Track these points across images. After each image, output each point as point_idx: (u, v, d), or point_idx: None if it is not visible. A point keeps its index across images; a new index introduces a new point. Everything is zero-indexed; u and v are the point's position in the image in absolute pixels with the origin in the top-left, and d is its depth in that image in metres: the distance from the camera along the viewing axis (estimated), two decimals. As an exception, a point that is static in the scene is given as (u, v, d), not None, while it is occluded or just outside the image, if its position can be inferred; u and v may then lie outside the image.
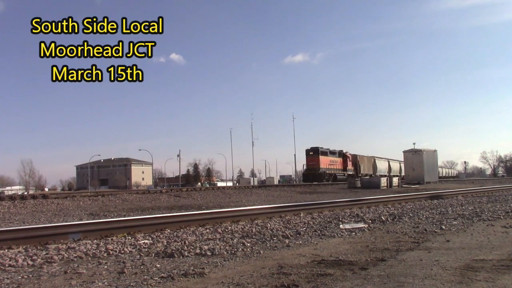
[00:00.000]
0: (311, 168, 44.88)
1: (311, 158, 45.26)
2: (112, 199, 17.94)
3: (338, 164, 49.10)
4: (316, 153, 45.06)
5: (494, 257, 4.74)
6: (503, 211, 10.02)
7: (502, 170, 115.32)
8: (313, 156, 44.92)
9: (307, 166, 46.29)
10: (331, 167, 46.74)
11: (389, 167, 60.51)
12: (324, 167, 44.98)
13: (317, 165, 44.32)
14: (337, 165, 48.76)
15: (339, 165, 49.24)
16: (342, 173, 49.04)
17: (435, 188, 27.52)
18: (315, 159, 44.53)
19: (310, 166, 45.28)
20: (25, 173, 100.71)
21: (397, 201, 14.17)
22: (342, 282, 3.75)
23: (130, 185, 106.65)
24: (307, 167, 46.04)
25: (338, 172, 48.07)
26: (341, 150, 51.56)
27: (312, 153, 45.56)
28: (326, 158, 45.87)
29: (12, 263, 4.88)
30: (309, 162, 45.68)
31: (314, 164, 44.50)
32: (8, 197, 17.57)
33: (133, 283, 3.93)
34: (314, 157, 44.81)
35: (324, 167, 44.98)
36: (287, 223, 8.31)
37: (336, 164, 48.37)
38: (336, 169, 48.13)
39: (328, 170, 45.89)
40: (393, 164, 62.19)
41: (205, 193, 22.06)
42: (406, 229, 7.33)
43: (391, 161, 62.24)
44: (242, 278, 4.00)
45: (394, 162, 62.97)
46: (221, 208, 13.29)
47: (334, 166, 47.68)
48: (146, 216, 9.75)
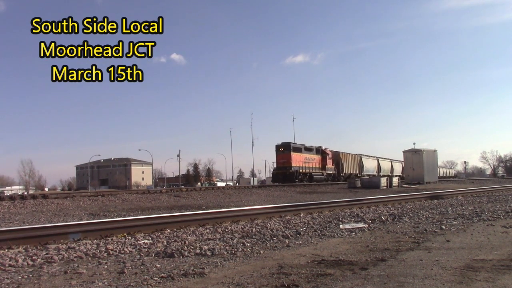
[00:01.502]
0: (281, 166, 38.82)
1: (282, 155, 39.23)
2: (112, 199, 17.93)
3: (316, 162, 43.24)
4: (288, 149, 39.02)
5: (494, 257, 4.74)
6: (503, 211, 10.02)
7: (502, 170, 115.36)
8: (284, 153, 39.00)
9: (277, 165, 39.91)
10: (306, 166, 40.87)
11: (379, 166, 56.65)
12: (297, 165, 38.95)
13: (288, 163, 38.32)
14: (314, 163, 42.87)
15: (316, 163, 43.30)
16: (320, 173, 43.61)
17: (435, 188, 27.52)
18: (286, 156, 38.69)
19: (280, 164, 39.06)
20: (25, 173, 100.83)
21: (397, 201, 14.17)
22: (342, 282, 3.75)
23: (130, 185, 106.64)
24: (277, 165, 39.67)
25: (315, 172, 42.41)
26: (320, 146, 45.81)
27: (282, 149, 39.50)
28: (299, 155, 40.14)
29: (12, 263, 4.88)
30: (279, 160, 39.39)
31: (284, 162, 38.55)
32: (8, 197, 17.56)
33: (133, 283, 3.93)
34: (285, 154, 38.89)
35: (297, 165, 38.95)
36: (287, 223, 8.31)
37: (312, 162, 42.52)
38: (313, 168, 42.33)
39: (302, 168, 40.10)
40: (383, 163, 58.60)
41: (205, 193, 22.07)
42: (406, 229, 7.33)
43: (381, 159, 58.54)
44: (242, 278, 4.00)
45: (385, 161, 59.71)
46: (221, 208, 13.29)
47: (310, 164, 41.79)
48: (146, 216, 9.75)
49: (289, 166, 38.14)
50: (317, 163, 43.38)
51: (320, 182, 39.40)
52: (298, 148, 40.64)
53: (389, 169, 59.63)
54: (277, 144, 40.50)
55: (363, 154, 53.78)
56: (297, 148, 40.52)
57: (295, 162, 38.74)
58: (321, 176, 43.03)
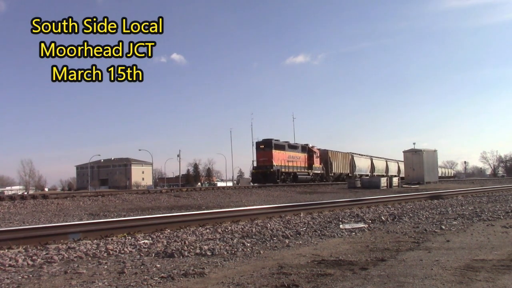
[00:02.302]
0: (262, 165, 35.38)
1: (262, 153, 35.70)
2: (112, 199, 17.93)
3: (301, 161, 39.91)
4: (269, 146, 35.55)
5: (494, 257, 4.74)
6: (503, 211, 10.02)
7: (502, 170, 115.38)
8: (265, 151, 35.49)
9: (257, 163, 36.21)
10: (290, 165, 37.57)
11: (372, 165, 54.06)
12: (279, 164, 35.67)
13: (269, 161, 34.96)
14: (299, 162, 39.55)
15: (302, 162, 39.97)
16: (305, 172, 40.16)
17: (435, 188, 27.52)
18: (267, 154, 35.25)
19: (261, 163, 35.58)
20: (25, 173, 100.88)
21: (397, 201, 14.16)
22: (342, 282, 3.75)
23: (130, 185, 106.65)
24: (257, 164, 36.08)
25: (300, 171, 39.08)
26: (306, 144, 42.37)
27: (263, 146, 35.93)
28: (282, 153, 36.79)
29: (12, 263, 4.87)
30: (260, 158, 35.85)
31: (265, 161, 35.15)
32: (8, 197, 17.54)
33: (133, 283, 3.93)
34: (265, 152, 35.38)
35: (279, 164, 35.67)
36: (287, 223, 8.31)
37: (297, 161, 39.18)
38: (298, 167, 39.00)
39: (286, 168, 36.78)
40: (377, 163, 56.13)
41: (205, 193, 22.06)
42: (406, 229, 7.33)
43: (375, 159, 56.03)
44: (242, 278, 4.00)
45: (379, 160, 57.36)
46: (221, 208, 13.29)
47: (294, 163, 38.49)
48: (146, 216, 9.75)
49: (270, 165, 34.85)
50: (302, 162, 40.22)
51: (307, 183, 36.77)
52: (280, 145, 37.40)
53: (384, 168, 57.41)
54: (257, 141, 37.31)
55: (355, 153, 51.39)
56: (280, 145, 37.29)
57: (277, 161, 35.59)
58: (307, 176, 40.05)
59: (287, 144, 38.32)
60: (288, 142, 39.04)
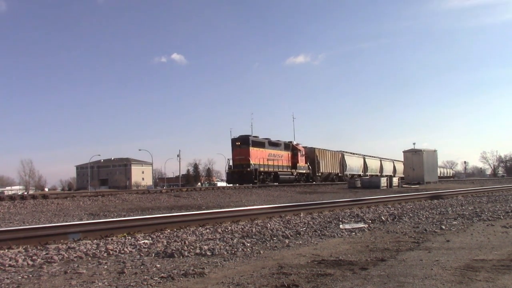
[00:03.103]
0: (238, 164, 32.58)
1: (238, 150, 32.78)
2: (112, 199, 17.92)
3: (284, 160, 36.71)
4: (246, 143, 32.65)
5: (494, 257, 4.74)
6: (503, 211, 10.02)
7: (502, 170, 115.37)
8: (241, 148, 32.60)
9: (233, 162, 33.37)
10: (270, 163, 34.50)
11: (365, 165, 51.80)
12: (257, 162, 32.68)
13: (245, 160, 32.06)
14: (282, 161, 36.37)
15: (284, 161, 36.77)
16: (288, 172, 36.90)
17: (435, 188, 27.52)
18: (243, 152, 32.37)
19: (237, 161, 32.75)
20: (25, 173, 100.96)
21: (397, 201, 14.16)
22: (342, 282, 3.75)
23: (130, 185, 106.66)
24: (233, 162, 33.26)
25: (282, 170, 35.90)
26: (290, 141, 39.47)
27: (239, 143, 32.94)
28: (261, 151, 33.77)
29: (12, 263, 4.87)
30: (236, 156, 32.99)
31: (242, 159, 32.28)
32: (8, 197, 17.53)
33: (133, 283, 3.93)
34: (242, 149, 32.53)
35: (257, 162, 32.68)
36: (287, 223, 8.30)
37: (280, 160, 36.05)
38: (280, 166, 35.85)
39: (265, 167, 33.72)
40: (371, 162, 53.85)
41: (205, 193, 22.05)
42: (406, 229, 7.33)
43: (368, 158, 53.79)
44: (242, 278, 4.00)
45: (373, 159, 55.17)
46: (221, 208, 13.29)
47: (276, 162, 35.37)
48: (146, 216, 9.75)
49: (247, 164, 31.95)
50: (285, 160, 37.02)
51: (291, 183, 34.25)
52: (259, 142, 34.32)
53: (378, 168, 55.39)
54: (233, 137, 33.87)
55: (346, 151, 49.01)
56: (258, 142, 34.21)
57: (255, 159, 32.66)
58: (290, 175, 36.91)
59: (267, 141, 35.39)
60: (269, 139, 36.04)
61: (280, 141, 37.42)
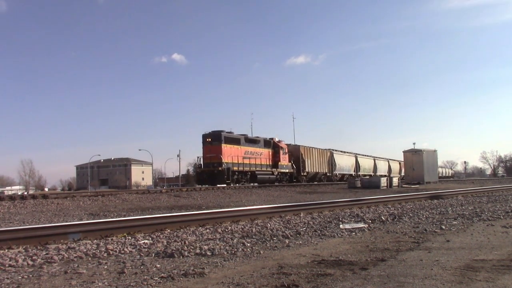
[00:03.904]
0: (208, 162, 29.31)
1: (209, 147, 29.48)
2: (112, 199, 17.91)
3: (263, 158, 33.40)
4: (217, 140, 29.40)
5: (494, 257, 4.74)
6: (503, 211, 10.02)
7: (502, 170, 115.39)
8: (212, 145, 29.35)
9: (203, 160, 29.95)
10: (247, 162, 31.29)
11: (357, 164, 49.19)
12: (230, 161, 29.52)
13: (217, 158, 28.67)
14: (261, 159, 33.04)
15: (264, 159, 33.45)
16: (268, 171, 33.60)
17: (435, 188, 27.51)
18: (214, 150, 29.09)
19: (207, 160, 29.42)
20: (25, 173, 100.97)
21: (397, 201, 14.16)
22: (342, 282, 3.75)
23: (130, 185, 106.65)
24: (203, 161, 29.87)
25: (261, 170, 32.66)
26: (272, 138, 35.92)
27: (210, 139, 29.65)
28: (236, 148, 30.62)
29: (12, 263, 4.87)
30: (206, 154, 29.57)
31: (213, 157, 28.94)
32: (8, 197, 17.53)
33: (133, 283, 3.93)
34: (213, 146, 29.26)
35: (230, 161, 29.52)
36: (287, 223, 8.30)
37: (258, 158, 32.74)
38: (258, 165, 32.53)
39: (241, 165, 30.59)
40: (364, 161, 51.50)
41: (205, 193, 22.05)
42: (406, 229, 7.33)
43: (361, 157, 51.32)
44: (242, 278, 4.00)
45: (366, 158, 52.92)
46: (221, 208, 13.28)
47: (253, 160, 32.05)
48: (146, 216, 9.75)
49: (219, 162, 28.59)
50: (265, 158, 33.72)
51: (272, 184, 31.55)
52: (234, 139, 31.11)
53: (371, 168, 53.00)
54: (204, 133, 30.33)
55: (336, 149, 46.07)
56: (233, 139, 31.03)
57: (228, 157, 29.40)
58: (270, 175, 33.67)
59: (243, 137, 32.19)
60: (246, 135, 33.03)
61: (259, 138, 34.40)
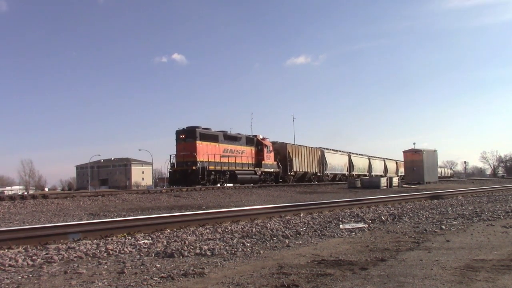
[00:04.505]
0: (181, 161, 26.95)
1: (183, 145, 27.06)
2: (112, 199, 17.91)
3: (245, 156, 30.95)
4: (191, 136, 26.92)
5: (494, 257, 4.74)
6: (503, 211, 10.02)
7: (502, 170, 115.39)
8: (186, 142, 26.89)
9: (176, 158, 27.48)
10: (225, 161, 28.80)
11: (350, 163, 47.21)
12: (206, 159, 27.02)
13: (191, 156, 26.24)
14: (242, 158, 30.64)
15: (246, 158, 31.01)
16: (250, 171, 31.17)
17: (435, 188, 27.51)
18: (188, 147, 26.63)
19: (180, 158, 27.03)
20: (25, 173, 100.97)
21: (397, 201, 14.16)
22: (342, 282, 3.75)
23: (130, 185, 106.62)
24: (176, 159, 27.44)
25: (241, 169, 30.23)
26: (255, 135, 33.55)
27: (184, 136, 27.19)
28: (213, 146, 28.14)
29: (12, 263, 4.87)
30: (180, 152, 27.16)
31: (186, 155, 26.53)
32: (8, 197, 17.52)
33: (133, 283, 3.93)
34: (187, 144, 26.78)
35: (206, 159, 27.02)
36: (287, 223, 8.30)
37: (239, 156, 30.34)
38: (239, 164, 30.12)
39: (218, 164, 28.12)
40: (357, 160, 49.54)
41: (205, 193, 22.04)
42: (406, 229, 7.33)
43: (355, 156, 49.39)
44: (242, 278, 4.00)
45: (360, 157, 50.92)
46: (221, 208, 13.28)
47: (233, 158, 29.61)
48: (146, 216, 9.75)
49: (193, 161, 26.20)
50: (247, 157, 31.23)
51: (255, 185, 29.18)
52: (211, 135, 28.52)
53: (366, 167, 51.36)
54: (178, 129, 27.77)
55: (327, 148, 43.89)
56: (209, 135, 28.39)
57: (204, 156, 26.87)
58: (252, 175, 31.20)
59: (222, 134, 29.64)
60: (226, 132, 30.42)
61: (240, 135, 31.88)
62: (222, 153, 28.82)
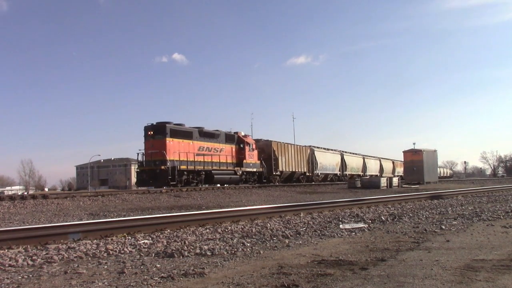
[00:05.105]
0: (149, 160, 24.44)
1: (151, 142, 24.55)
2: (112, 199, 17.91)
3: (223, 155, 28.44)
4: (161, 133, 24.43)
5: (494, 257, 4.74)
6: (503, 211, 10.02)
7: (502, 170, 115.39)
8: (155, 139, 24.43)
9: (144, 157, 24.87)
10: (200, 159, 26.27)
11: (343, 163, 45.50)
12: (177, 158, 24.44)
13: (160, 155, 23.78)
14: (221, 157, 28.11)
15: (225, 156, 28.52)
16: (230, 170, 28.74)
17: (435, 188, 27.51)
18: (157, 145, 24.19)
19: (149, 156, 24.50)
20: (25, 173, 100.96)
21: (397, 201, 14.16)
22: (342, 282, 3.75)
23: (130, 185, 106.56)
24: (145, 158, 24.82)
25: (219, 169, 27.77)
26: (236, 132, 30.93)
27: (152, 133, 24.58)
28: (186, 144, 25.57)
29: (12, 263, 4.88)
30: (148, 150, 24.57)
31: (155, 154, 24.05)
32: (8, 197, 17.52)
33: (133, 283, 3.93)
34: (156, 141, 24.36)
35: (177, 158, 24.44)
36: (287, 223, 8.31)
37: (217, 155, 27.78)
38: (216, 163, 27.54)
39: (192, 164, 25.62)
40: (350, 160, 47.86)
41: (205, 193, 22.03)
42: (406, 229, 7.33)
43: (348, 155, 47.70)
44: (242, 278, 4.00)
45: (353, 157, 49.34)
46: (221, 208, 13.28)
47: (210, 157, 27.01)
48: (146, 216, 9.75)
49: (162, 160, 23.70)
50: (226, 156, 28.67)
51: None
52: (184, 132, 25.86)
53: (360, 167, 50.07)
54: (146, 125, 25.07)
55: (318, 147, 41.81)
56: (182, 132, 25.75)
57: (174, 154, 24.31)
58: (232, 175, 28.79)
59: (197, 130, 26.80)
60: (201, 128, 27.41)
61: (219, 131, 28.93)
62: (197, 151, 26.28)
